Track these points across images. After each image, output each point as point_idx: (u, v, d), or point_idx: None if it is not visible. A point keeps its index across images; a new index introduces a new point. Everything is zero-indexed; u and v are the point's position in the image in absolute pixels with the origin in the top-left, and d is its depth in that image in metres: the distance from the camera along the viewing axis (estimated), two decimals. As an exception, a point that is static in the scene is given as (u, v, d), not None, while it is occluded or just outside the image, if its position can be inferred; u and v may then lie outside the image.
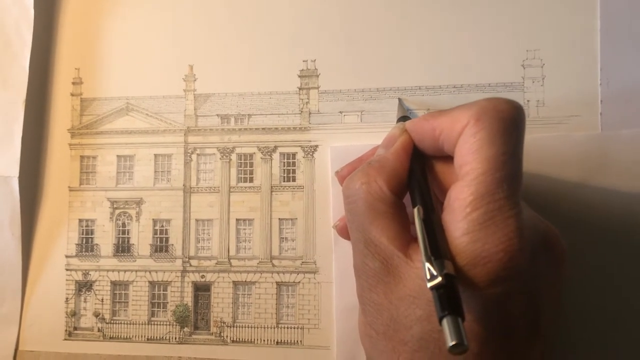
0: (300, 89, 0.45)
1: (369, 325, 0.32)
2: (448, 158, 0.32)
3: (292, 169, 0.45)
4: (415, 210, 0.30)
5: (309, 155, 0.45)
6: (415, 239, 0.30)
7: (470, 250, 0.27)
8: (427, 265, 0.27)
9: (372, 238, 0.31)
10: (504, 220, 0.27)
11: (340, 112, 0.44)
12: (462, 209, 0.28)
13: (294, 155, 0.45)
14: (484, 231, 0.27)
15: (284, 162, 0.45)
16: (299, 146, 0.45)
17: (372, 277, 0.31)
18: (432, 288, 0.26)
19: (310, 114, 0.45)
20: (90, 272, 0.47)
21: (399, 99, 0.43)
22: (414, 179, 0.32)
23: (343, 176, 0.38)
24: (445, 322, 0.25)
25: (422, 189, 0.32)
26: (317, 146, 0.45)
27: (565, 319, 0.38)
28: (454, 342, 0.24)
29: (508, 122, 0.29)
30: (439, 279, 0.26)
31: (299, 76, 0.45)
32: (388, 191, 0.31)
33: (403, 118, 0.40)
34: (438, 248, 0.27)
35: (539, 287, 0.30)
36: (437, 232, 0.28)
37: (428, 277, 0.26)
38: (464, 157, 0.29)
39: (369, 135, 0.44)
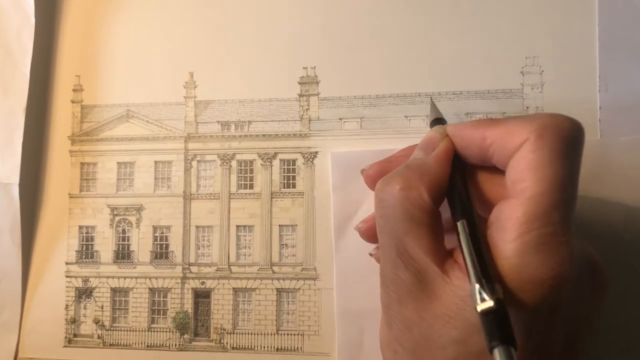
0: (300, 95, 0.45)
1: (394, 340, 0.30)
2: (492, 169, 0.30)
3: (292, 176, 0.45)
4: (460, 224, 0.28)
5: (309, 162, 0.45)
6: (450, 253, 0.29)
7: (520, 273, 0.26)
8: (477, 287, 0.25)
9: (406, 248, 0.29)
10: (557, 245, 0.26)
11: (340, 119, 0.45)
12: (514, 229, 0.26)
13: (294, 161, 0.45)
14: (536, 255, 0.26)
15: (284, 169, 0.45)
16: (299, 153, 0.45)
17: (402, 290, 0.29)
18: (482, 313, 0.25)
19: (310, 120, 0.45)
20: (90, 279, 0.47)
21: (431, 99, 0.42)
22: (456, 188, 0.31)
23: (370, 175, 0.36)
24: (497, 352, 0.24)
25: (465, 200, 0.30)
26: (317, 153, 0.45)
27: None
28: None
29: (570, 142, 0.27)
30: (490, 303, 0.25)
31: (299, 83, 0.45)
32: (429, 199, 0.29)
33: (437, 120, 0.38)
34: (488, 269, 0.26)
35: (580, 313, 0.29)
36: (484, 251, 0.27)
37: (478, 300, 0.25)
38: (520, 173, 0.27)
39: (369, 142, 0.44)
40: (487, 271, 0.26)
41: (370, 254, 0.38)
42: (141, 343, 0.46)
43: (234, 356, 0.44)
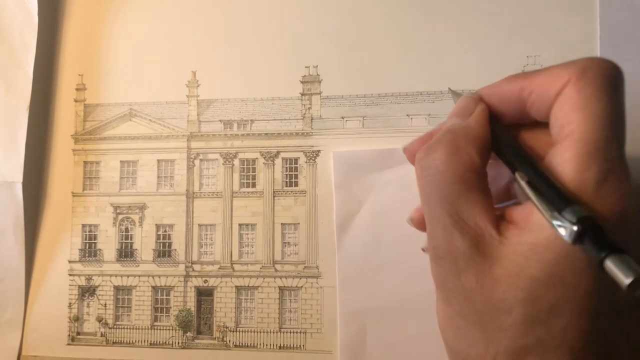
0: (302, 94, 0.45)
1: (455, 316, 0.29)
2: (531, 127, 0.30)
3: (295, 174, 0.45)
4: (517, 175, 0.27)
5: (311, 161, 0.45)
6: (501, 216, 0.28)
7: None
8: (556, 222, 0.24)
9: (460, 214, 0.28)
10: (617, 181, 0.25)
11: (342, 118, 0.45)
12: (569, 171, 0.25)
13: (296, 160, 0.45)
14: (597, 193, 0.25)
15: (287, 167, 0.46)
16: (301, 151, 0.45)
17: (460, 259, 0.28)
18: (574, 240, 0.23)
19: (312, 119, 0.45)
20: (93, 277, 0.47)
21: (450, 89, 0.41)
22: (502, 144, 0.30)
23: (413, 151, 0.33)
24: (609, 263, 0.22)
25: (517, 151, 0.29)
26: (319, 151, 0.45)
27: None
28: (632, 278, 0.21)
29: (614, 79, 0.27)
30: (575, 227, 0.23)
31: (301, 82, 0.45)
32: (479, 160, 0.28)
33: None
34: (563, 198, 0.24)
35: None
36: (555, 186, 0.25)
37: (563, 233, 0.24)
38: (566, 115, 0.26)
39: (371, 141, 0.44)
40: (563, 198, 0.24)
41: (424, 250, 0.35)
42: (144, 341, 0.46)
43: (237, 354, 0.44)
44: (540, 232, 0.25)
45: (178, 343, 0.45)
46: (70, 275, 0.47)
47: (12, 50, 0.48)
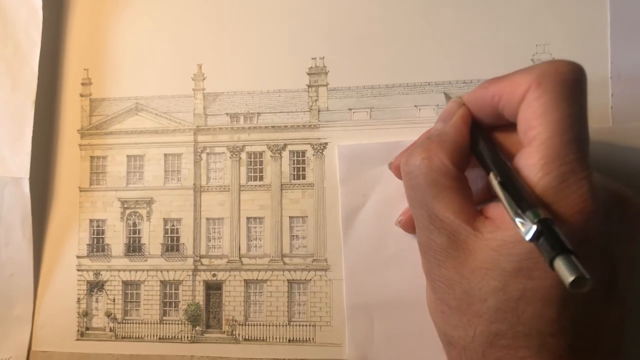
0: (309, 86, 0.45)
1: (439, 301, 0.32)
2: (509, 127, 0.31)
3: (302, 167, 0.45)
4: (491, 175, 0.29)
5: (319, 153, 0.45)
6: (481, 212, 0.30)
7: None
8: (518, 220, 0.26)
9: (436, 213, 0.30)
10: (577, 182, 0.27)
11: (350, 109, 0.44)
12: (533, 175, 0.28)
13: (303, 153, 0.45)
14: (557, 194, 0.27)
15: (294, 160, 0.45)
16: (309, 144, 0.45)
17: (439, 253, 0.31)
18: (532, 239, 0.25)
19: (319, 111, 0.45)
20: (101, 272, 0.47)
21: (445, 94, 0.43)
22: (480, 147, 0.32)
23: (397, 165, 0.38)
24: (557, 262, 0.24)
25: (492, 154, 0.31)
26: (326, 144, 0.45)
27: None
28: (573, 277, 0.23)
29: (571, 84, 0.29)
30: (534, 227, 0.25)
31: (308, 74, 0.45)
32: (450, 165, 0.31)
33: None
34: (525, 200, 0.27)
35: (614, 248, 0.29)
36: (520, 188, 0.28)
37: (523, 230, 0.26)
38: (528, 121, 0.29)
39: (379, 132, 0.44)
40: (525, 200, 0.27)
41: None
42: (153, 335, 0.46)
43: (246, 348, 0.44)
44: (510, 229, 0.28)
45: (187, 337, 0.45)
46: (78, 270, 0.47)
47: (18, 46, 0.48)
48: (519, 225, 0.26)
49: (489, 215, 0.30)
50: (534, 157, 0.28)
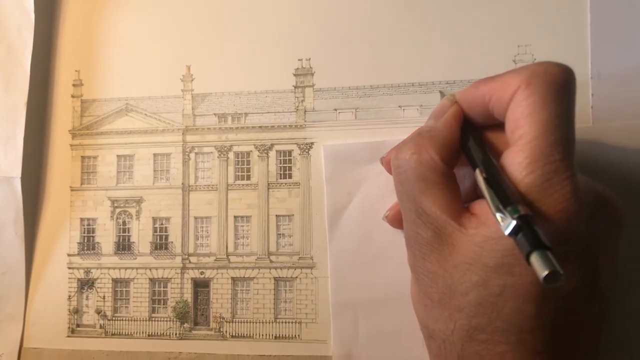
0: (295, 87, 0.46)
1: (422, 294, 0.32)
2: (499, 127, 0.32)
3: (289, 166, 0.46)
4: (477, 171, 0.30)
5: (305, 153, 0.45)
6: (467, 209, 0.31)
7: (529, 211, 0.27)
8: (499, 215, 0.27)
9: (423, 207, 0.31)
10: (560, 182, 0.27)
11: (335, 110, 0.45)
12: (518, 173, 0.28)
13: (290, 152, 0.46)
14: (541, 193, 0.27)
15: (280, 160, 0.46)
16: (295, 144, 0.46)
17: (425, 246, 0.31)
18: (510, 234, 0.26)
19: (305, 111, 0.45)
20: (91, 270, 0.48)
21: (441, 92, 0.43)
22: (469, 145, 0.32)
23: (388, 160, 0.38)
24: (533, 257, 0.25)
25: (479, 151, 0.32)
26: (312, 143, 0.45)
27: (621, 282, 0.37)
28: (546, 272, 0.24)
29: (559, 85, 0.29)
30: (513, 222, 0.26)
31: (294, 75, 0.46)
32: (439, 160, 0.31)
33: None
34: (507, 196, 0.27)
35: (596, 249, 0.30)
36: (504, 185, 0.28)
37: (503, 225, 0.26)
38: (516, 121, 0.29)
39: (364, 132, 0.44)
40: (506, 198, 0.27)
41: (384, 218, 0.41)
42: (142, 332, 0.46)
43: (233, 344, 0.45)
44: (493, 226, 0.28)
45: (175, 334, 0.46)
46: (69, 268, 0.48)
47: (10, 47, 0.48)
48: (499, 220, 0.27)
49: (474, 212, 0.30)
50: (519, 155, 0.28)
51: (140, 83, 0.48)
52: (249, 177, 0.46)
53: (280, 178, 0.46)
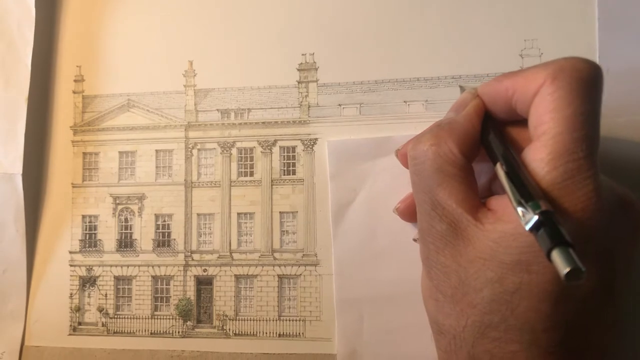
0: (299, 82, 0.45)
1: (434, 289, 0.32)
2: (521, 122, 0.31)
3: (292, 163, 0.45)
4: (497, 165, 0.29)
5: (309, 149, 0.45)
6: (484, 204, 0.30)
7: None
8: (520, 209, 0.26)
9: (439, 200, 0.30)
10: (582, 180, 0.27)
11: (339, 105, 0.44)
12: (540, 169, 0.28)
13: (293, 148, 0.45)
14: (562, 190, 0.27)
15: (284, 156, 0.45)
16: (299, 139, 0.45)
17: (439, 240, 0.31)
18: (532, 229, 0.25)
19: (309, 107, 0.45)
20: (93, 268, 0.47)
21: (461, 87, 0.43)
22: (490, 139, 0.32)
23: (404, 152, 0.37)
24: (555, 254, 0.24)
25: (500, 146, 0.31)
26: (316, 139, 0.45)
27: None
28: (569, 269, 0.23)
29: (586, 81, 0.28)
30: (535, 217, 0.25)
31: (298, 70, 0.45)
32: (458, 153, 0.31)
33: None
34: (529, 191, 0.27)
35: (615, 249, 0.29)
36: (525, 180, 0.28)
37: (524, 221, 0.26)
38: (540, 116, 0.28)
39: (368, 128, 0.44)
40: (528, 193, 0.26)
41: (415, 240, 0.39)
42: (145, 330, 0.46)
43: (237, 342, 0.44)
44: (511, 222, 0.28)
45: (178, 332, 0.45)
46: (71, 266, 0.48)
47: (11, 43, 0.48)
48: (520, 214, 0.26)
49: (491, 207, 0.30)
50: (542, 151, 0.28)
51: (142, 78, 0.48)
52: (252, 174, 0.46)
53: (284, 174, 0.45)
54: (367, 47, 0.44)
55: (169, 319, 0.46)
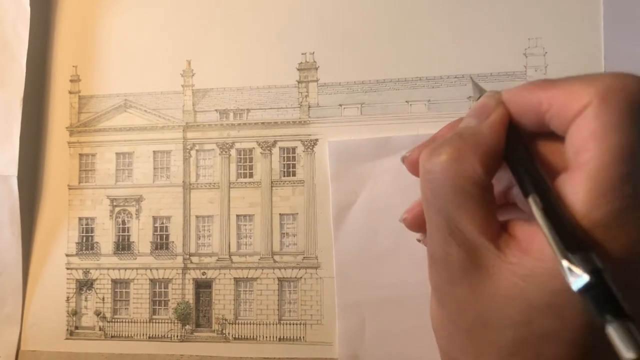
0: (299, 82, 0.44)
1: (447, 321, 0.28)
2: (550, 135, 0.28)
3: (292, 164, 0.45)
4: (531, 200, 0.26)
5: (309, 150, 0.44)
6: (504, 227, 0.27)
7: None
8: (566, 264, 0.23)
9: (457, 225, 0.27)
10: (629, 222, 0.24)
11: (340, 105, 0.44)
12: (580, 206, 0.24)
13: (293, 149, 0.45)
14: (607, 234, 0.24)
15: (284, 157, 0.45)
16: (299, 140, 0.44)
17: (454, 269, 0.27)
18: (581, 290, 0.22)
19: (309, 107, 0.44)
20: (90, 271, 0.47)
21: (471, 78, 0.41)
22: (517, 158, 0.28)
23: (414, 160, 0.32)
24: (613, 329, 0.21)
25: (534, 172, 0.27)
26: (317, 140, 0.44)
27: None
28: (633, 356, 0.20)
29: (638, 105, 0.25)
30: (586, 278, 0.22)
31: (298, 69, 0.44)
32: (482, 172, 0.27)
33: None
34: (575, 238, 0.23)
35: None
36: (567, 222, 0.24)
37: (570, 278, 0.22)
38: (583, 142, 0.25)
39: (370, 128, 0.43)
40: (575, 238, 0.23)
41: (419, 240, 0.35)
42: (143, 334, 0.45)
43: (236, 346, 0.44)
44: (544, 260, 0.24)
45: (177, 336, 0.45)
46: (67, 269, 0.47)
47: (5, 43, 0.47)
48: (566, 270, 0.23)
49: (513, 234, 0.26)
50: (584, 184, 0.24)
51: (139, 78, 0.47)
52: (251, 175, 0.45)
53: (284, 175, 0.45)
54: (368, 46, 0.43)
55: (168, 322, 0.45)
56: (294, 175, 0.45)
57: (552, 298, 0.24)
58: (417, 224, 0.33)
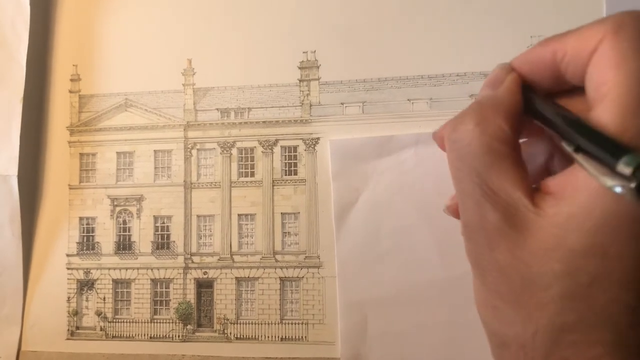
0: (300, 80, 0.44)
1: (491, 294, 0.27)
2: (570, 93, 0.28)
3: (294, 163, 0.44)
4: (564, 144, 0.25)
5: (311, 148, 0.44)
6: (537, 188, 0.26)
7: None
8: (605, 178, 0.22)
9: (490, 185, 0.26)
10: None
11: (342, 104, 0.44)
12: (614, 129, 0.23)
13: (295, 148, 0.44)
14: None
15: (285, 156, 0.45)
16: (300, 139, 0.44)
17: (492, 233, 0.26)
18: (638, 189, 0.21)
19: (311, 106, 0.44)
20: (91, 271, 0.46)
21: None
22: (543, 106, 0.28)
23: (442, 135, 0.32)
24: None
25: (561, 111, 0.27)
26: (318, 139, 0.44)
27: None
28: None
29: None
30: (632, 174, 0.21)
31: (299, 68, 0.44)
32: (508, 130, 0.27)
33: None
34: (616, 144, 0.22)
35: None
36: (604, 137, 0.23)
37: (614, 184, 0.22)
38: (602, 74, 0.25)
39: (371, 127, 0.43)
40: (616, 144, 0.22)
41: (445, 209, 0.34)
42: (144, 334, 0.45)
43: (238, 346, 0.44)
44: (579, 199, 0.24)
45: (178, 336, 0.45)
46: (68, 269, 0.47)
47: (4, 41, 0.47)
48: (608, 180, 0.22)
49: (549, 190, 0.26)
50: (607, 113, 0.24)
51: (140, 77, 0.47)
52: (253, 174, 0.45)
53: (286, 175, 0.44)
54: (370, 44, 0.43)
55: (169, 322, 0.45)
56: (295, 174, 0.44)
57: (594, 238, 0.23)
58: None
